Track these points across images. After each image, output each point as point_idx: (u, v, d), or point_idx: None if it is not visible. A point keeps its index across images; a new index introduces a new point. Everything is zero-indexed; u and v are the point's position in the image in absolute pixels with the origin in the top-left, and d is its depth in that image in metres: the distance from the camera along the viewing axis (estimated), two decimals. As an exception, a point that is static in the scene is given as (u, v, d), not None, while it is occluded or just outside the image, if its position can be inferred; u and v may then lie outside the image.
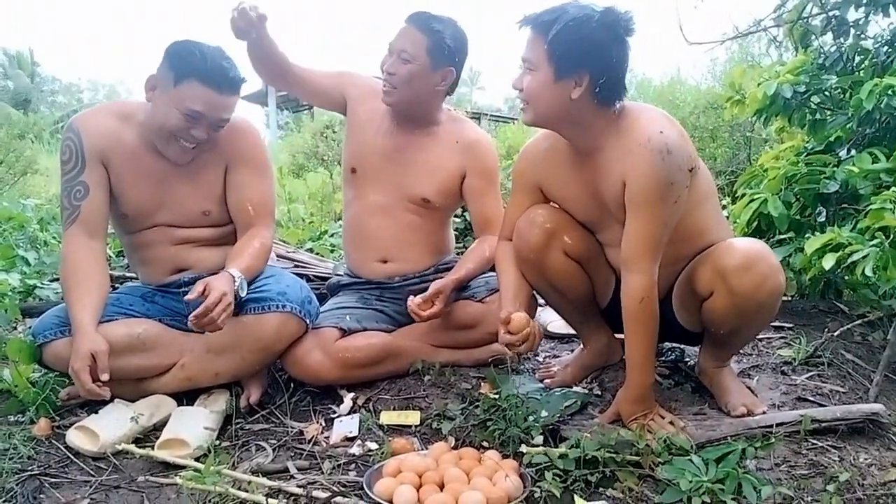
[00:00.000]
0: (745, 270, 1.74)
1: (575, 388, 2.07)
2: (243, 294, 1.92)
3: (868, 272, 2.03)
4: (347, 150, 2.35)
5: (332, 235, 3.93)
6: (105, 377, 1.78)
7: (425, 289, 2.17)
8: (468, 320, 2.20)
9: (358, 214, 2.32)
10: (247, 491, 1.53)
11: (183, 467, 1.67)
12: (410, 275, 2.32)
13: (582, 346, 2.24)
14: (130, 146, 2.01)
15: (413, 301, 2.09)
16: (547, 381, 2.13)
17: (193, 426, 1.83)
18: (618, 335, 2.22)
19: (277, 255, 2.60)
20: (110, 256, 2.18)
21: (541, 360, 2.42)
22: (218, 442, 1.84)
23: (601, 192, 1.83)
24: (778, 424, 1.75)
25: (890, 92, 2.49)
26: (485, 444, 1.76)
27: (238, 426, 1.93)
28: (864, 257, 2.04)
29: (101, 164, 2.00)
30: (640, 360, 1.80)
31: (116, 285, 2.30)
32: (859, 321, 2.52)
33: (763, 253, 1.78)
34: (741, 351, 2.33)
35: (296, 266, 2.87)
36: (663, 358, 2.28)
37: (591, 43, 1.68)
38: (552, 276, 1.97)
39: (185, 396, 2.03)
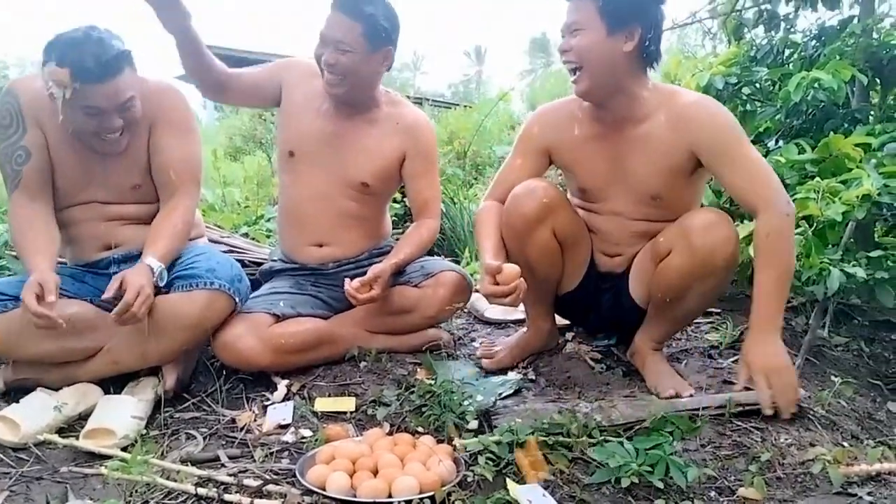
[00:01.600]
0: (706, 230, 1.82)
1: (510, 374, 2.09)
2: (162, 283, 1.89)
3: None
4: (284, 134, 2.27)
5: (268, 220, 3.87)
6: (51, 298, 1.74)
7: (361, 274, 2.15)
8: (405, 305, 2.20)
9: (294, 198, 2.28)
10: (175, 480, 1.50)
11: (109, 457, 1.63)
12: (345, 260, 2.29)
13: (526, 328, 2.26)
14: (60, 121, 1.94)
15: (350, 284, 2.07)
16: (486, 361, 2.16)
17: (120, 415, 1.78)
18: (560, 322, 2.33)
19: (211, 240, 2.53)
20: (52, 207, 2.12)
21: (477, 345, 2.44)
22: (146, 431, 1.79)
23: (631, 162, 1.93)
24: (704, 407, 1.80)
25: (816, 85, 2.58)
26: (420, 429, 1.77)
27: (167, 414, 1.88)
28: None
29: (39, 129, 1.95)
30: (773, 290, 1.77)
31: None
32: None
33: (726, 219, 1.86)
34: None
35: (230, 251, 2.81)
36: (595, 343, 2.32)
37: None
38: (533, 252, 1.99)
39: (112, 385, 1.97)
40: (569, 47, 1.83)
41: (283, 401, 1.94)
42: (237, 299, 1.99)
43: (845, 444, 1.76)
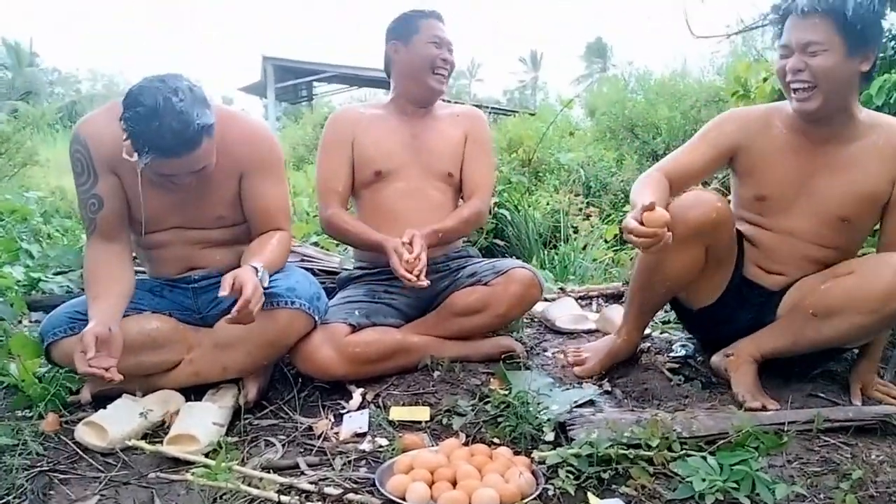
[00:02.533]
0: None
1: (585, 386, 2.07)
2: (265, 285, 1.90)
3: None
4: (364, 164, 2.35)
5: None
6: (111, 362, 1.74)
7: (436, 279, 2.24)
8: (476, 304, 2.21)
9: (382, 203, 2.34)
10: (258, 487, 1.52)
11: (193, 463, 1.66)
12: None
13: (617, 336, 2.20)
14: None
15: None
16: (577, 368, 2.15)
17: (202, 421, 1.82)
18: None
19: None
20: (130, 247, 2.18)
21: (549, 355, 2.42)
22: (227, 437, 1.83)
23: (826, 181, 1.88)
24: (790, 421, 1.74)
25: (898, 88, 2.48)
26: (496, 440, 1.76)
27: (247, 421, 1.92)
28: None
29: (112, 173, 1.95)
30: (885, 337, 1.95)
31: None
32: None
33: None
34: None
35: (302, 260, 2.86)
36: (672, 354, 2.27)
37: (879, 15, 1.77)
38: (676, 264, 1.94)
39: (193, 392, 2.02)
40: (804, 66, 1.78)
41: (358, 409, 1.96)
42: (316, 318, 2.01)
43: (941, 461, 1.68)
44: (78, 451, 1.77)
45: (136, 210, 2.02)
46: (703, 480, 1.48)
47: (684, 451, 1.61)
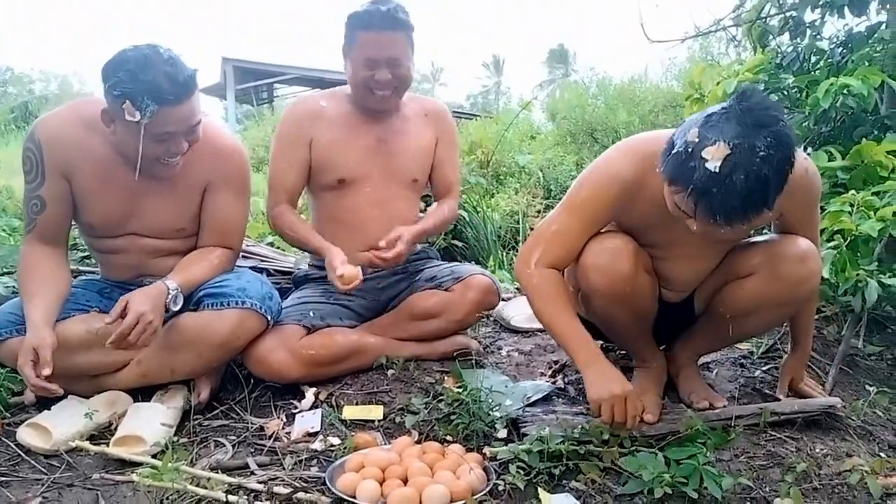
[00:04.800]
0: (800, 261, 1.74)
1: (538, 381, 2.08)
2: (175, 308, 1.87)
3: (825, 274, 2.08)
4: (326, 167, 2.25)
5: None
6: (46, 371, 1.70)
7: (393, 282, 2.27)
8: (434, 309, 2.20)
9: (345, 210, 2.26)
10: (206, 488, 1.50)
11: (139, 464, 1.63)
12: (381, 267, 2.28)
13: (641, 366, 2.02)
14: (99, 157, 1.91)
15: (373, 252, 2.09)
16: (649, 416, 1.78)
17: (150, 422, 1.79)
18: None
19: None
20: (67, 251, 2.12)
21: (504, 353, 2.43)
22: (176, 438, 1.80)
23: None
24: (737, 417, 1.77)
25: (845, 91, 2.55)
26: (448, 438, 1.76)
27: (196, 422, 1.89)
28: (822, 259, 2.09)
29: (62, 177, 1.91)
30: (811, 329, 2.00)
31: (73, 280, 2.22)
32: (816, 316, 2.57)
33: (816, 251, 1.78)
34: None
35: (260, 261, 2.83)
36: (622, 352, 2.30)
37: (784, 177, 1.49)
38: (641, 301, 1.84)
39: (141, 393, 1.98)
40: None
41: (310, 409, 1.94)
42: (268, 318, 1.99)
43: (882, 454, 1.73)
44: (20, 452, 1.73)
45: (91, 213, 1.98)
46: (652, 474, 1.49)
47: (634, 448, 1.63)
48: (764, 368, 2.19)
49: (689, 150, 1.44)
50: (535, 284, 1.79)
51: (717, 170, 1.39)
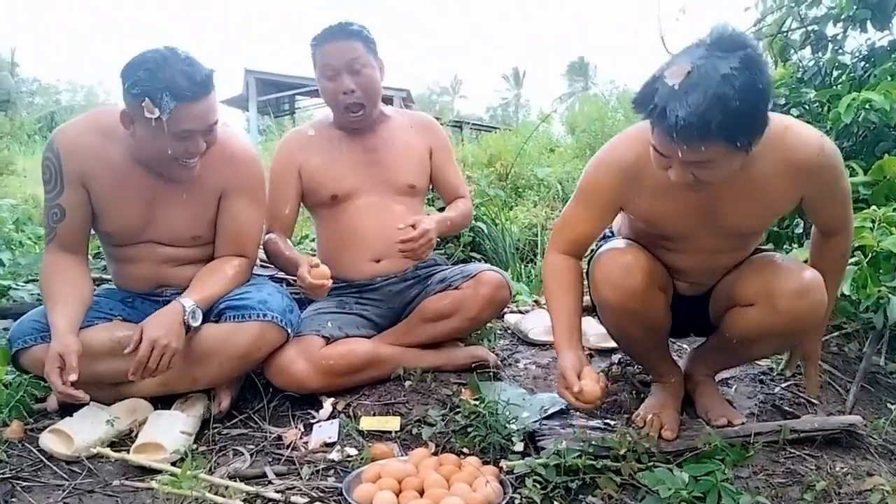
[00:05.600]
0: (799, 296, 1.67)
1: (555, 394, 2.07)
2: (195, 324, 1.88)
3: (846, 290, 2.06)
4: (318, 188, 2.32)
5: (312, 240, 3.91)
6: (72, 378, 1.73)
7: (406, 287, 2.29)
8: (447, 309, 2.20)
9: (344, 223, 2.31)
10: (224, 496, 1.51)
11: (159, 472, 1.65)
12: (392, 274, 2.32)
13: (658, 381, 2.00)
14: (116, 165, 1.94)
15: (399, 239, 2.08)
16: (667, 433, 1.80)
17: (170, 430, 1.81)
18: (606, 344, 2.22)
19: (260, 262, 2.57)
20: (88, 259, 2.15)
21: (521, 366, 2.42)
22: (195, 446, 1.81)
23: (728, 208, 1.69)
24: (756, 434, 1.76)
25: (867, 106, 2.54)
26: (465, 450, 1.76)
27: (216, 431, 1.90)
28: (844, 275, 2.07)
29: (81, 186, 1.94)
30: (833, 302, 1.88)
31: (94, 288, 2.26)
32: (836, 333, 2.55)
33: (820, 283, 1.69)
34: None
35: (277, 270, 2.85)
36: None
37: (762, 105, 1.42)
38: (652, 315, 1.82)
39: (162, 400, 2.00)
40: (691, 178, 1.55)
41: (328, 419, 1.95)
42: (289, 330, 2.01)
43: (904, 474, 1.70)
44: (42, 458, 1.75)
45: (109, 221, 2.01)
46: (670, 490, 1.49)
47: (652, 463, 1.62)
48: (784, 385, 2.17)
49: (655, 75, 1.44)
50: (545, 269, 1.89)
51: (677, 87, 1.37)
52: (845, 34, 3.19)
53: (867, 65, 3.00)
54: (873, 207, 2.23)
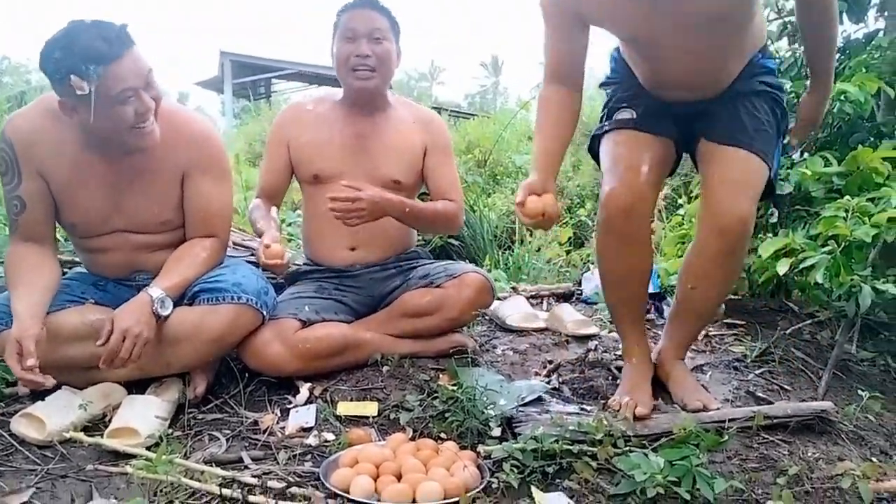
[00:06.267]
0: (722, 235, 1.78)
1: (532, 381, 2.08)
2: (165, 313, 1.86)
3: (819, 279, 2.09)
4: (304, 164, 2.33)
5: (289, 224, 3.89)
6: (30, 363, 1.68)
7: (387, 276, 2.28)
8: (428, 307, 2.19)
9: (323, 205, 2.27)
10: (199, 481, 1.50)
11: (133, 456, 1.63)
12: (372, 263, 2.31)
13: (628, 362, 2.03)
14: (73, 154, 1.90)
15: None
16: (639, 411, 1.81)
17: (144, 414, 1.79)
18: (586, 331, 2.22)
19: (233, 243, 2.55)
20: (57, 240, 2.10)
21: (499, 352, 2.43)
22: (170, 431, 1.80)
23: None
24: (731, 420, 1.77)
25: (842, 97, 2.57)
26: (443, 435, 1.76)
27: (191, 415, 1.89)
28: (816, 264, 2.10)
29: (38, 176, 1.90)
30: (831, 67, 1.90)
31: (66, 270, 2.22)
32: (809, 321, 2.59)
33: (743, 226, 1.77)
34: (695, 347, 2.37)
35: (252, 254, 2.83)
36: (619, 352, 2.31)
37: None
38: (635, 251, 1.89)
39: (136, 385, 1.97)
40: None
41: (305, 404, 1.94)
42: (264, 313, 1.99)
43: (874, 459, 1.73)
44: (14, 443, 1.72)
45: (72, 212, 1.97)
46: (645, 475, 1.50)
47: (628, 448, 1.64)
48: (757, 372, 2.19)
49: None
50: (537, 102, 1.90)
51: None
52: (822, 26, 3.21)
53: (842, 56, 3.03)
54: (847, 197, 2.26)
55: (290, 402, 1.96)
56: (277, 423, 1.85)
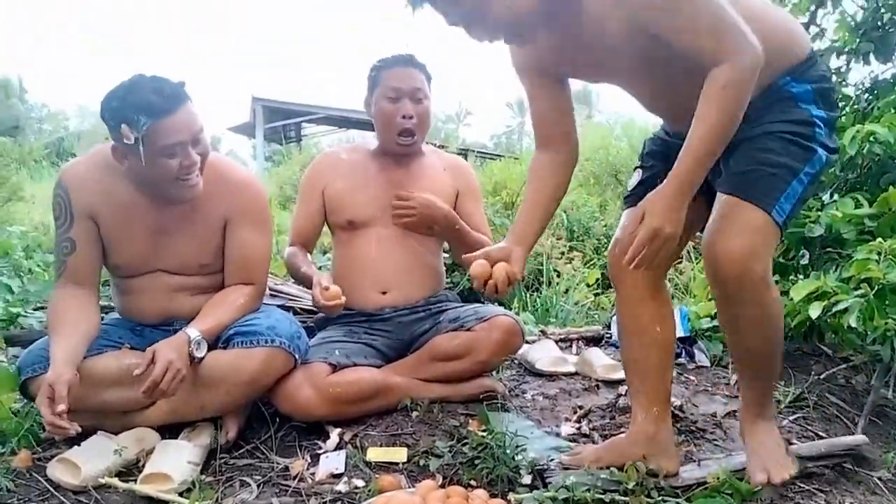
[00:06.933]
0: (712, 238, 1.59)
1: (563, 428, 2.07)
2: (200, 355, 1.89)
3: (853, 322, 2.06)
4: (337, 211, 2.39)
5: (320, 268, 3.92)
6: (60, 408, 1.69)
7: (416, 319, 2.30)
8: (457, 350, 2.20)
9: (357, 248, 2.36)
10: (231, 528, 1.51)
11: (166, 502, 1.65)
12: (402, 306, 2.33)
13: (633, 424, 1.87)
14: (121, 199, 1.98)
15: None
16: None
17: (177, 460, 1.80)
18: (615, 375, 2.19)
19: (270, 290, 2.59)
20: (100, 286, 2.17)
21: (529, 397, 2.42)
22: (202, 477, 1.81)
23: (600, 38, 1.58)
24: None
25: (872, 138, 2.55)
26: (473, 482, 1.75)
27: (222, 461, 1.90)
28: (849, 307, 2.07)
29: (89, 218, 1.98)
30: (697, 144, 1.46)
31: (103, 315, 2.27)
32: (843, 365, 2.54)
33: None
34: (727, 392, 2.35)
35: (288, 300, 2.86)
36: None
37: None
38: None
39: (169, 430, 2.00)
40: None
41: (335, 450, 1.94)
42: (297, 356, 2.02)
43: (914, 509, 1.69)
44: (49, 488, 1.74)
45: (117, 254, 2.03)
46: (678, 525, 1.48)
47: (661, 497, 1.61)
48: (791, 418, 2.16)
49: None
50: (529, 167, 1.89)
51: None
52: (848, 66, 3.22)
53: (871, 97, 3.03)
54: (879, 239, 2.23)
55: (321, 448, 1.97)
56: (308, 468, 1.86)
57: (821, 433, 2.07)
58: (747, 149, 1.58)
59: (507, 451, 1.78)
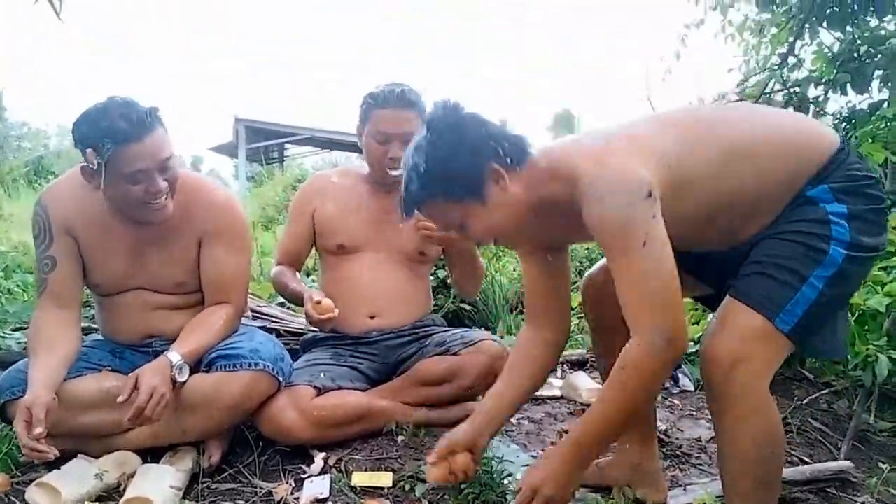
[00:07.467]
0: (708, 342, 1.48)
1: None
2: (181, 379, 1.87)
3: None
4: (327, 235, 2.38)
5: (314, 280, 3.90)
6: (37, 431, 1.67)
7: (402, 343, 2.29)
8: (443, 375, 2.19)
9: (347, 272, 2.35)
10: (215, 554, 1.49)
11: (148, 528, 1.62)
12: (388, 329, 2.32)
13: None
14: (99, 217, 1.98)
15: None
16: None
17: (159, 485, 1.77)
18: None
19: (252, 311, 2.57)
20: (79, 314, 2.16)
21: (514, 421, 2.41)
22: (184, 502, 1.78)
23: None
24: None
25: (851, 167, 2.59)
26: (458, 507, 1.74)
27: (205, 485, 1.88)
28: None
29: (68, 235, 1.98)
30: (593, 431, 1.46)
31: (83, 337, 2.24)
32: (826, 390, 2.57)
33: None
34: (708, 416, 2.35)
35: (272, 321, 2.85)
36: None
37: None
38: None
39: (151, 453, 1.97)
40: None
41: (319, 474, 1.92)
42: (280, 379, 2.00)
43: (897, 535, 1.71)
44: (28, 513, 1.71)
45: (96, 273, 2.02)
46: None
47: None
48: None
49: None
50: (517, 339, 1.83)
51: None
52: (826, 96, 3.29)
53: (848, 126, 3.09)
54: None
55: (305, 472, 1.95)
56: (292, 493, 1.84)
57: (804, 458, 2.08)
58: (756, 253, 1.54)
59: (494, 477, 1.77)
